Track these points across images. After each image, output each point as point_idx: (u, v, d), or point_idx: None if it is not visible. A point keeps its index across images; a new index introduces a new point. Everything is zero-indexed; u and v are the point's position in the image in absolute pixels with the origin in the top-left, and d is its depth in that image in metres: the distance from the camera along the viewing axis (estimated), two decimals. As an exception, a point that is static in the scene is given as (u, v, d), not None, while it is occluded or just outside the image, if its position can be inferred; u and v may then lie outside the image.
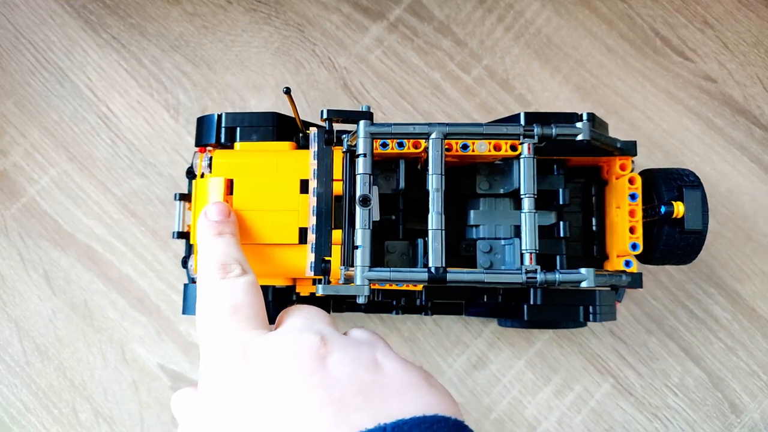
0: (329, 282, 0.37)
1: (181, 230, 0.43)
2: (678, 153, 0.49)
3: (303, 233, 0.39)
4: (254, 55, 0.52)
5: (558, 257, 0.40)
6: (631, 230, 0.39)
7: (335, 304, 0.45)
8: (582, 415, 0.47)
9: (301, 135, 0.42)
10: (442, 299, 0.44)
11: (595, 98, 0.50)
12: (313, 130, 0.39)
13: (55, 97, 0.52)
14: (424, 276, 0.34)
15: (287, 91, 0.36)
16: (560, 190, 0.39)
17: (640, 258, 0.39)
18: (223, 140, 0.41)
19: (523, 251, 0.35)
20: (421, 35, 0.51)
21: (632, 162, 0.39)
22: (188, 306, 0.42)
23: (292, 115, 0.41)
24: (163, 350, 0.48)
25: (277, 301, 0.40)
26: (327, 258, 0.37)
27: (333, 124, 0.38)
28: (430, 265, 0.34)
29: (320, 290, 0.35)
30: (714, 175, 0.49)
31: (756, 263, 0.48)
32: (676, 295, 0.48)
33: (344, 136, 0.38)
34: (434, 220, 0.34)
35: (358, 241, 0.34)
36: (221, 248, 0.34)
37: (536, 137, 0.35)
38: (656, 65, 0.50)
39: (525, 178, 0.35)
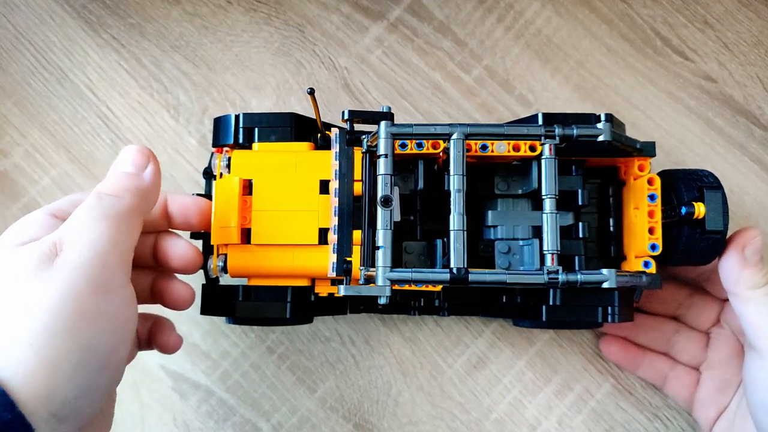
0: (350, 283, 0.34)
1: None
2: (678, 153, 0.45)
3: (322, 234, 0.36)
4: (254, 56, 0.47)
5: (576, 258, 0.36)
6: (651, 231, 0.35)
7: (352, 304, 0.41)
8: (582, 415, 0.44)
9: (319, 135, 0.38)
10: (460, 300, 0.40)
11: (596, 98, 0.46)
12: (335, 131, 0.36)
13: (55, 98, 0.47)
14: (446, 276, 0.31)
15: (311, 92, 0.32)
16: (579, 191, 0.36)
17: (659, 259, 0.36)
18: (240, 141, 0.37)
19: (545, 252, 0.32)
20: (421, 35, 0.47)
21: (650, 163, 0.36)
22: (206, 306, 0.38)
23: (309, 116, 0.37)
24: (164, 350, 0.45)
25: (296, 301, 0.37)
26: (348, 258, 0.34)
27: (353, 125, 0.35)
28: (452, 265, 0.31)
29: (342, 291, 0.32)
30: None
31: (756, 263, 0.44)
32: (676, 295, 0.44)
33: (363, 137, 0.35)
34: (455, 220, 0.32)
35: (380, 242, 0.32)
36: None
37: (557, 138, 0.32)
38: (656, 65, 0.46)
39: (546, 179, 0.32)
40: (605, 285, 0.32)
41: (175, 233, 0.36)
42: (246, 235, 0.37)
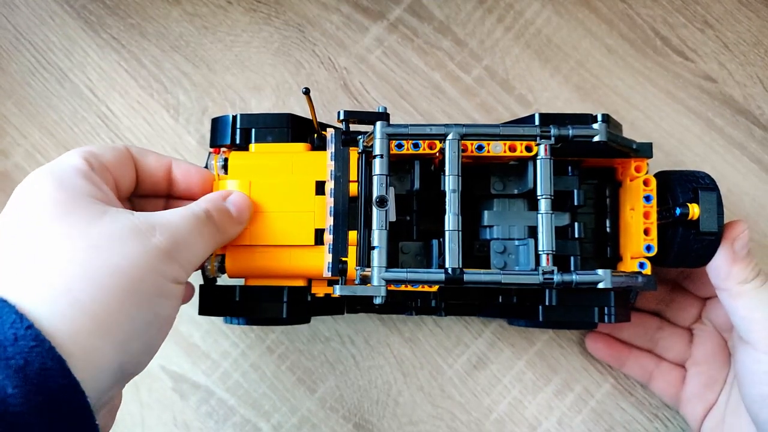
0: (346, 283, 0.34)
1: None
2: (678, 153, 0.45)
3: (318, 234, 0.36)
4: (254, 56, 0.47)
5: (572, 258, 0.36)
6: (646, 232, 0.35)
7: (349, 305, 0.41)
8: (582, 415, 0.43)
9: (316, 136, 0.38)
10: (456, 300, 0.40)
11: (595, 98, 0.46)
12: (330, 131, 0.36)
13: (55, 98, 0.47)
14: (441, 277, 0.31)
15: (306, 92, 0.32)
16: (575, 191, 0.36)
17: (654, 260, 0.36)
18: (238, 141, 0.37)
19: (540, 252, 0.32)
20: (421, 35, 0.47)
21: (647, 164, 0.36)
22: (204, 306, 0.38)
23: (306, 116, 0.37)
24: (164, 351, 0.44)
25: (292, 301, 0.37)
26: (344, 259, 0.34)
27: (349, 125, 0.35)
28: (447, 265, 0.31)
29: (337, 291, 0.32)
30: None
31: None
32: (676, 295, 0.44)
33: (359, 137, 0.35)
34: (451, 221, 0.32)
35: (375, 242, 0.32)
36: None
37: (553, 138, 0.31)
38: (656, 65, 0.46)
39: (542, 179, 0.32)
40: (600, 285, 0.32)
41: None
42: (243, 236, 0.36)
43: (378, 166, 0.33)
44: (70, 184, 0.29)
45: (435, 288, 0.37)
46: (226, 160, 0.37)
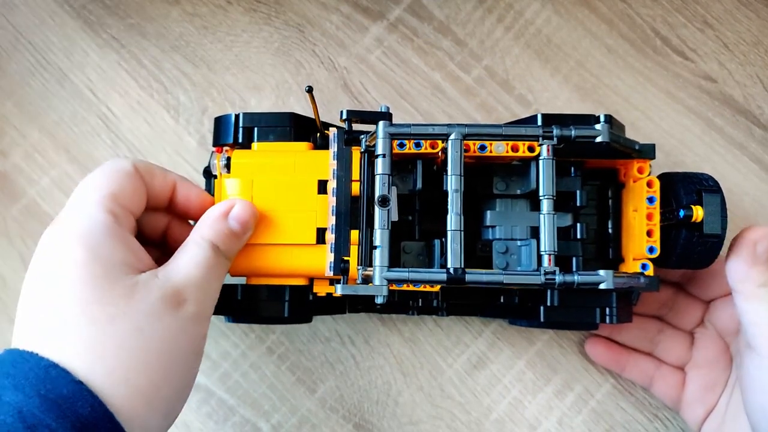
0: (348, 282, 0.34)
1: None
2: (678, 153, 0.45)
3: (320, 233, 0.36)
4: (254, 56, 0.47)
5: (574, 259, 0.36)
6: (649, 233, 0.35)
7: (351, 305, 0.41)
8: (582, 415, 0.43)
9: (318, 135, 0.38)
10: (458, 301, 0.40)
11: (595, 98, 0.46)
12: (333, 130, 0.36)
13: (55, 98, 0.47)
14: (443, 276, 0.31)
15: (309, 90, 0.32)
16: (577, 192, 0.35)
17: (656, 261, 0.35)
18: (240, 140, 0.37)
19: (542, 252, 0.31)
20: (421, 35, 0.47)
21: (650, 165, 0.36)
22: None
23: (308, 116, 0.37)
24: (164, 351, 0.44)
25: (294, 300, 0.37)
26: (346, 258, 0.34)
27: (352, 125, 0.35)
28: (449, 265, 0.31)
29: (339, 290, 0.32)
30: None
31: (756, 263, 0.44)
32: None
33: (362, 136, 0.35)
34: (453, 220, 0.31)
35: (377, 241, 0.32)
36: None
37: (555, 138, 0.31)
38: (656, 65, 0.46)
39: (544, 179, 0.31)
40: (602, 286, 0.31)
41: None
42: None
43: (380, 166, 0.32)
44: (103, 253, 0.29)
45: (437, 288, 0.37)
46: (228, 159, 0.37)
